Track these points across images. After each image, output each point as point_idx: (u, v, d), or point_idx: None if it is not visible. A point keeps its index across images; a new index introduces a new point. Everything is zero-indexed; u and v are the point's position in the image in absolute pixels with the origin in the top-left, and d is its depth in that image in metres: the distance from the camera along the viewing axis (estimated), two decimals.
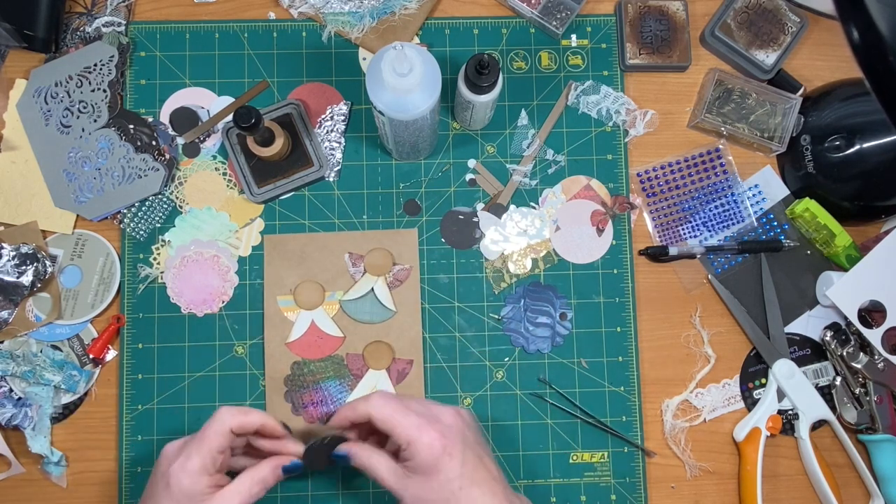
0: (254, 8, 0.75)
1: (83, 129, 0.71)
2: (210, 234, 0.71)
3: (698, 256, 0.73)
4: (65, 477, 0.68)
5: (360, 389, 0.70)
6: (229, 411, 0.57)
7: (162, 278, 0.71)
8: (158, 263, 0.71)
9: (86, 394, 0.69)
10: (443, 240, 0.73)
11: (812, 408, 0.70)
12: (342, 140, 0.73)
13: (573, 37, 0.75)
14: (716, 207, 0.74)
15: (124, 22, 0.73)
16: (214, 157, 0.72)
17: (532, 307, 0.71)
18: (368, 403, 0.57)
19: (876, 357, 0.70)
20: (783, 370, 0.70)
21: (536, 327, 0.71)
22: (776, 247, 0.72)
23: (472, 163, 0.74)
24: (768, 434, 0.69)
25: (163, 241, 0.71)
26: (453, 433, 0.56)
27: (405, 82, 0.57)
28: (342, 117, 0.73)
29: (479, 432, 0.60)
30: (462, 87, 0.65)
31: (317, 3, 0.73)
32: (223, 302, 0.71)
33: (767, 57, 0.73)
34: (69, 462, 0.69)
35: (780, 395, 0.71)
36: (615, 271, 0.73)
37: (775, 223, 0.74)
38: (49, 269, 0.68)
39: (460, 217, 0.73)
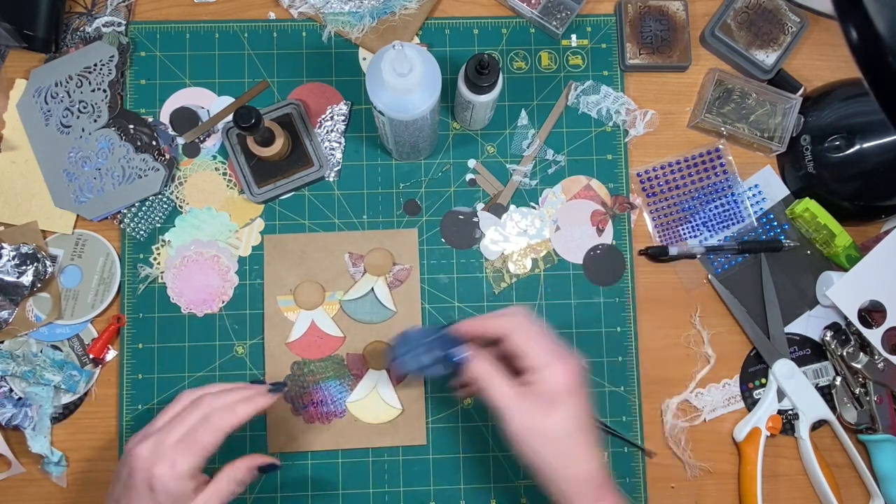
0: (254, 8, 0.75)
1: (83, 129, 0.71)
2: (210, 234, 0.71)
3: (698, 256, 0.73)
4: (65, 477, 0.68)
5: (360, 389, 0.70)
6: (220, 415, 0.55)
7: (162, 278, 0.71)
8: (158, 263, 0.71)
9: (86, 394, 0.69)
10: (443, 240, 0.73)
11: (812, 408, 0.70)
12: (342, 140, 0.73)
13: (573, 37, 0.75)
14: (716, 207, 0.74)
15: (124, 22, 0.73)
16: (214, 157, 0.72)
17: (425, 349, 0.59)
18: (509, 320, 0.54)
19: (876, 357, 0.70)
20: (783, 370, 0.70)
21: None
22: (776, 247, 0.72)
23: (472, 163, 0.74)
24: (768, 434, 0.69)
25: (163, 241, 0.71)
26: (580, 377, 0.54)
27: (405, 82, 0.57)
28: (342, 117, 0.73)
29: None
30: (462, 87, 0.65)
31: (317, 3, 0.73)
32: (223, 302, 0.71)
33: (767, 57, 0.73)
34: (69, 462, 0.69)
35: (780, 395, 0.71)
36: None
37: (775, 223, 0.74)
38: (49, 269, 0.68)
39: (460, 217, 0.73)
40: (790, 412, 0.71)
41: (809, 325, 0.73)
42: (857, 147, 0.69)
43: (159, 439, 0.54)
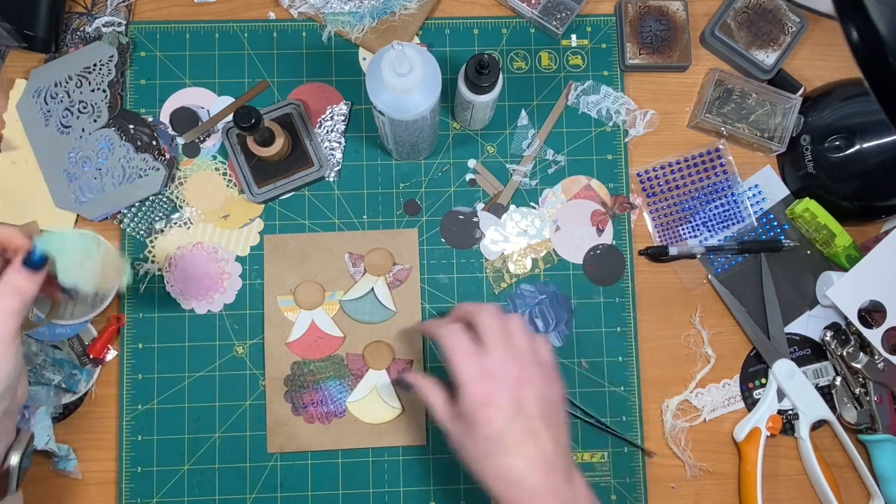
0: (254, 8, 0.75)
1: (83, 129, 0.71)
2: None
3: (698, 256, 0.73)
4: (78, 470, 0.68)
5: (360, 389, 0.70)
6: None
7: (159, 271, 0.70)
8: (154, 256, 0.71)
9: (86, 394, 0.69)
10: (443, 240, 0.73)
11: (812, 408, 0.70)
12: (342, 140, 0.73)
13: (573, 37, 0.75)
14: (716, 207, 0.74)
15: (124, 22, 0.73)
16: (214, 157, 0.72)
17: (538, 313, 0.72)
18: (441, 331, 0.57)
19: (876, 357, 0.70)
20: (783, 370, 0.70)
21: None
22: (776, 247, 0.72)
23: (472, 163, 0.74)
24: (768, 434, 0.69)
25: (157, 232, 0.71)
26: (507, 395, 0.53)
27: (405, 82, 0.57)
28: (342, 117, 0.73)
29: (551, 403, 0.55)
30: (462, 87, 0.65)
31: (317, 3, 0.73)
32: (222, 294, 0.71)
33: (767, 57, 0.73)
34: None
35: (780, 395, 0.71)
36: None
37: (775, 223, 0.74)
38: None
39: (460, 217, 0.73)
40: (790, 412, 0.71)
41: (809, 325, 0.73)
42: (857, 147, 0.69)
43: None
